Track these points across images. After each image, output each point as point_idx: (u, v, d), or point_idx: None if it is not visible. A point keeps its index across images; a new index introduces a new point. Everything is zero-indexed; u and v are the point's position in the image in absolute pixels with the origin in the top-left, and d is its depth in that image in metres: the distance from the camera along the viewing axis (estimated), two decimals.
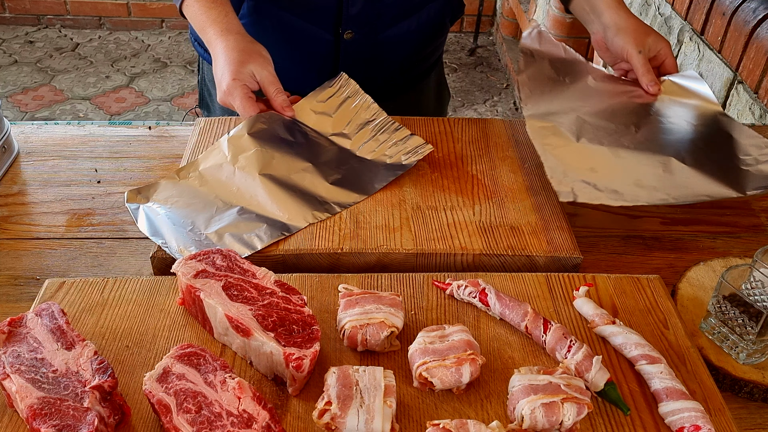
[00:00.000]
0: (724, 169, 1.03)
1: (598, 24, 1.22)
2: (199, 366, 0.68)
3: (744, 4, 1.56)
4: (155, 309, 0.81)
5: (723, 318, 0.80)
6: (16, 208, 1.03)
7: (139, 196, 0.98)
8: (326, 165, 1.01)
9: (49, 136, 1.18)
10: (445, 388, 0.71)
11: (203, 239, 0.90)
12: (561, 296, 0.84)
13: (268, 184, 0.97)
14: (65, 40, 4.16)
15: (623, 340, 0.76)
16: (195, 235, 0.91)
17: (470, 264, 0.90)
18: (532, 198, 0.99)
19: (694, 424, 0.67)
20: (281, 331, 0.72)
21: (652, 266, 0.97)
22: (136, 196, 0.98)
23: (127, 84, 3.75)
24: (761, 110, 1.46)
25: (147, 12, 4.25)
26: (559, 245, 0.91)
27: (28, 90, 3.66)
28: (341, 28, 1.20)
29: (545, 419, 0.66)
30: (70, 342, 0.70)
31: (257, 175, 0.98)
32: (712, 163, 1.04)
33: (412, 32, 1.27)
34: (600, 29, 1.22)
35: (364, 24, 1.20)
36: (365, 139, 1.05)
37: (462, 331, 0.74)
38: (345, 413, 0.65)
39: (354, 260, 0.90)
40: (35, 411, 0.63)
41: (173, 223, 0.93)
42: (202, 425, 0.63)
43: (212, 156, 1.03)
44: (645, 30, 1.19)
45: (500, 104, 3.71)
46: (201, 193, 0.97)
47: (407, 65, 1.33)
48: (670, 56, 1.21)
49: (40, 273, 0.92)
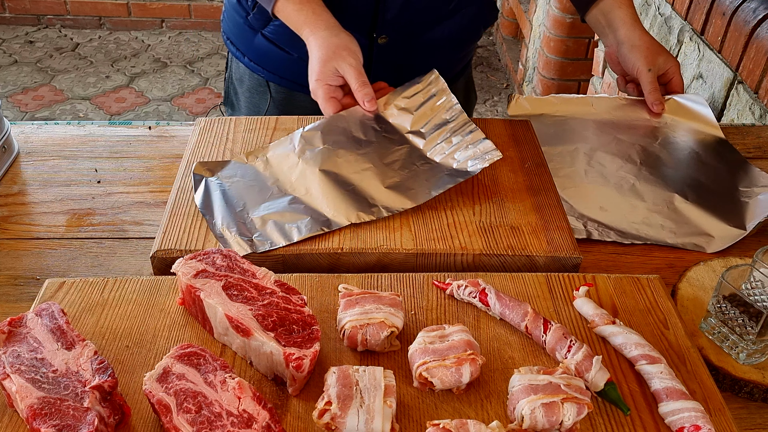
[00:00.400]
0: (724, 204, 1.07)
1: (612, 38, 1.28)
2: (199, 366, 0.68)
3: (744, 4, 1.56)
4: (155, 309, 0.81)
5: (723, 318, 0.80)
6: (16, 208, 1.03)
7: (205, 170, 1.02)
8: (389, 167, 1.00)
9: (49, 136, 1.18)
10: (445, 388, 0.71)
11: (248, 222, 0.93)
12: (561, 296, 0.84)
13: (324, 180, 0.98)
14: (65, 40, 4.16)
15: (623, 340, 0.76)
16: (242, 216, 0.94)
17: (470, 264, 0.90)
18: (532, 198, 0.99)
19: (694, 424, 0.67)
20: (281, 331, 0.72)
21: (652, 266, 0.97)
22: (203, 169, 1.02)
23: (127, 84, 3.75)
24: (761, 110, 1.46)
25: (147, 12, 4.25)
26: (559, 245, 0.91)
27: (28, 90, 3.66)
28: (375, 33, 1.20)
29: (545, 419, 0.66)
30: (70, 342, 0.70)
31: (317, 170, 0.99)
32: (714, 197, 1.09)
33: (445, 38, 1.28)
34: (614, 43, 1.27)
35: (398, 29, 1.21)
36: (439, 140, 1.03)
37: (462, 331, 0.74)
38: (345, 413, 0.65)
39: (354, 260, 0.90)
40: (35, 411, 0.63)
41: (226, 201, 0.96)
42: (202, 425, 0.63)
43: (282, 145, 1.06)
44: (657, 49, 1.25)
45: (500, 104, 3.71)
46: (262, 177, 1.01)
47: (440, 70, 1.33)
48: (678, 75, 1.27)
49: (40, 273, 0.92)
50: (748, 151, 1.22)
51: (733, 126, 1.31)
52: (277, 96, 1.32)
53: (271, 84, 1.32)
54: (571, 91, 3.10)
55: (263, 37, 1.26)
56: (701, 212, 1.05)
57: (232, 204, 0.96)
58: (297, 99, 1.31)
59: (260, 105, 1.35)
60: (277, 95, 1.32)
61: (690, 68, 1.78)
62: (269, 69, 1.30)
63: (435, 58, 1.29)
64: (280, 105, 1.33)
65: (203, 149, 1.07)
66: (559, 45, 3.03)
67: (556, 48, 3.04)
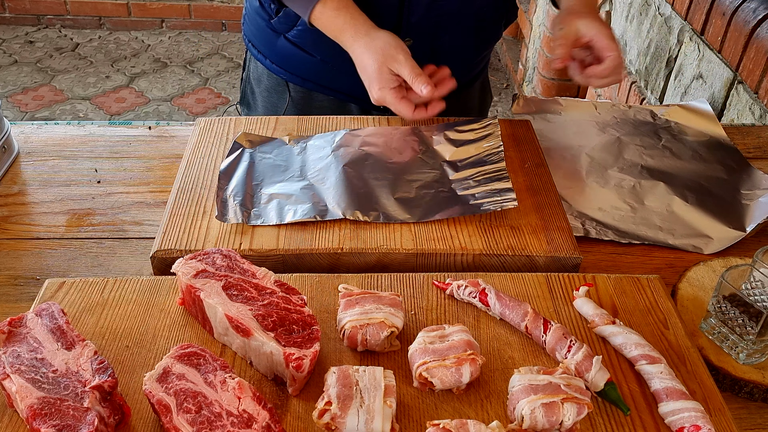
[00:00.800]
0: (725, 206, 1.07)
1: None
2: (199, 366, 0.68)
3: (744, 4, 1.56)
4: (155, 309, 0.81)
5: (723, 318, 0.80)
6: (16, 208, 1.03)
7: (247, 141, 1.08)
8: (409, 183, 1.00)
9: (49, 136, 1.18)
10: (445, 388, 0.71)
11: (256, 195, 0.97)
12: (561, 296, 0.84)
13: (342, 176, 1.00)
14: (65, 40, 4.16)
15: (623, 340, 0.76)
16: (254, 188, 0.98)
17: (470, 264, 0.90)
18: (532, 198, 0.99)
19: (694, 424, 0.67)
20: (281, 331, 0.72)
21: (652, 266, 0.97)
22: (245, 140, 1.08)
23: (127, 84, 3.75)
24: (761, 110, 1.46)
25: (147, 12, 4.25)
26: (559, 245, 0.91)
27: (28, 90, 3.66)
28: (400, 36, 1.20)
29: (545, 419, 0.66)
30: (70, 342, 0.70)
31: (341, 166, 1.01)
32: (714, 200, 1.08)
33: (468, 39, 1.27)
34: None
35: (423, 32, 1.20)
36: (469, 176, 1.01)
37: (462, 331, 0.74)
38: (345, 413, 0.65)
39: (354, 260, 0.90)
40: (35, 411, 0.63)
41: (248, 173, 1.01)
42: (202, 425, 0.63)
43: (324, 138, 1.09)
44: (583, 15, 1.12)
45: (500, 104, 3.71)
46: (293, 160, 1.05)
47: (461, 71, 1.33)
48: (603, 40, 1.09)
49: (40, 273, 0.92)
50: (748, 151, 1.22)
51: (733, 126, 1.31)
52: (296, 96, 1.33)
53: (291, 84, 1.32)
54: (571, 91, 3.10)
55: (286, 40, 1.26)
56: (701, 214, 1.05)
57: (252, 176, 1.00)
58: (316, 99, 1.31)
59: (278, 105, 1.35)
60: (296, 95, 1.33)
61: (690, 68, 1.79)
62: (290, 70, 1.31)
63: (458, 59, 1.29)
64: (299, 104, 1.34)
65: (203, 149, 1.07)
66: None
67: None
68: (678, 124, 1.25)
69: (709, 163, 1.17)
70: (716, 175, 1.14)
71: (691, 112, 1.29)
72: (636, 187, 1.10)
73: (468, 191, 0.98)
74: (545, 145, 1.14)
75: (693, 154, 1.18)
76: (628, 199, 1.07)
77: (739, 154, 1.19)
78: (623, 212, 1.05)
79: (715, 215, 1.05)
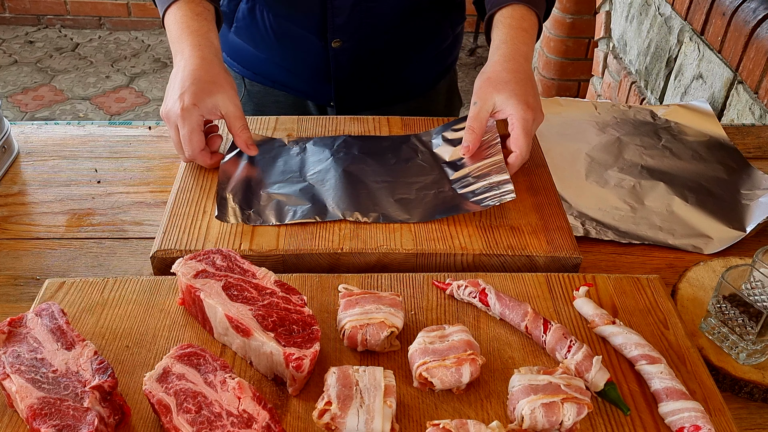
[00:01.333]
0: (725, 206, 1.07)
1: None
2: (199, 366, 0.68)
3: (744, 4, 1.56)
4: (155, 309, 0.81)
5: (723, 318, 0.80)
6: (16, 208, 1.03)
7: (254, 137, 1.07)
8: (408, 185, 1.00)
9: (49, 136, 1.18)
10: (445, 388, 0.71)
11: (255, 194, 0.97)
12: (561, 296, 0.84)
13: (342, 178, 1.00)
14: (65, 40, 4.16)
15: (623, 340, 0.76)
16: (254, 189, 0.98)
17: (470, 264, 0.90)
18: (532, 198, 0.99)
19: (694, 424, 0.67)
20: (281, 331, 0.72)
21: (652, 266, 0.97)
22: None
23: (127, 84, 3.75)
24: (761, 110, 1.46)
25: (147, 12, 4.25)
26: (559, 245, 0.91)
27: (28, 90, 3.66)
28: (328, 36, 1.19)
29: (545, 419, 0.66)
30: (70, 342, 0.70)
31: (341, 169, 1.02)
32: (714, 200, 1.08)
33: (407, 41, 1.25)
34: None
35: (352, 33, 1.19)
36: (467, 173, 1.01)
37: (462, 331, 0.74)
38: (345, 413, 0.65)
39: (354, 260, 0.90)
40: (35, 411, 0.63)
41: (246, 173, 1.01)
42: (202, 425, 0.63)
43: (324, 140, 1.10)
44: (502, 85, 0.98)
45: None
46: (293, 160, 1.05)
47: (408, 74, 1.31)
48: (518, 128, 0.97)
49: (40, 273, 0.92)
50: (748, 151, 1.22)
51: (733, 126, 1.31)
52: (252, 90, 1.33)
53: (246, 80, 1.33)
54: (572, 91, 3.11)
55: (235, 35, 1.26)
56: (701, 214, 1.05)
57: (251, 176, 1.01)
58: (271, 94, 1.31)
59: None
60: (252, 89, 1.33)
61: (690, 68, 1.79)
62: (243, 65, 1.31)
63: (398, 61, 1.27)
64: (255, 98, 1.34)
65: None
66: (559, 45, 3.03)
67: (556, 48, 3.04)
68: (678, 124, 1.25)
69: (709, 163, 1.17)
70: (716, 175, 1.14)
71: (691, 112, 1.29)
72: (636, 187, 1.10)
73: (467, 188, 0.98)
74: (545, 146, 1.14)
75: (693, 154, 1.18)
76: (628, 199, 1.08)
77: (739, 154, 1.19)
78: (623, 212, 1.05)
79: (715, 215, 1.05)
